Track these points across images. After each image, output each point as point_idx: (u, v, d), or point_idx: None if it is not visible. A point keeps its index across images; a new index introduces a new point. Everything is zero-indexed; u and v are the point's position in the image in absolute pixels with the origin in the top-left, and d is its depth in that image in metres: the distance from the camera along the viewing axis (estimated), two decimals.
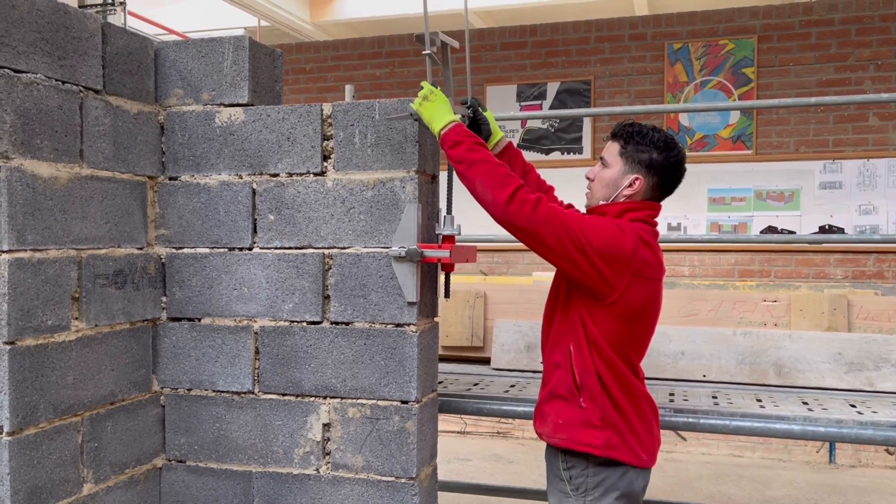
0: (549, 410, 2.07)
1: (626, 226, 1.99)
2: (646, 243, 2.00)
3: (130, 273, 2.12)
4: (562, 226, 1.90)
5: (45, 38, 1.82)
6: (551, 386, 2.07)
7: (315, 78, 6.84)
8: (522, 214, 1.90)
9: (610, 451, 1.97)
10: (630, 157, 2.05)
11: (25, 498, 1.77)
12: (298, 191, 2.14)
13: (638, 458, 2.00)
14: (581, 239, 1.90)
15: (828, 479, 5.25)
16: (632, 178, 2.04)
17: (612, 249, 1.92)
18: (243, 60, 2.18)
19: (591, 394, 1.98)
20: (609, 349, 1.98)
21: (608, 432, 1.97)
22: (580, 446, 1.99)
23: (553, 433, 2.05)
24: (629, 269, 1.95)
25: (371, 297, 2.09)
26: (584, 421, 1.99)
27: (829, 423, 2.31)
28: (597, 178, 2.11)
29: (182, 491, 2.24)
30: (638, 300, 1.99)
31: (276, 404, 2.16)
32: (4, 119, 1.71)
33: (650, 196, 2.07)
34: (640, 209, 2.05)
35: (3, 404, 1.73)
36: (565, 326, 2.04)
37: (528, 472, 5.30)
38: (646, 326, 2.07)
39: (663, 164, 2.04)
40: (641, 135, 2.04)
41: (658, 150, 2.03)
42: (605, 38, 6.10)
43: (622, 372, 1.99)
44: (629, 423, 2.00)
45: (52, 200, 1.84)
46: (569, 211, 1.99)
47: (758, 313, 3.09)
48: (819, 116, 5.65)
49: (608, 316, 1.97)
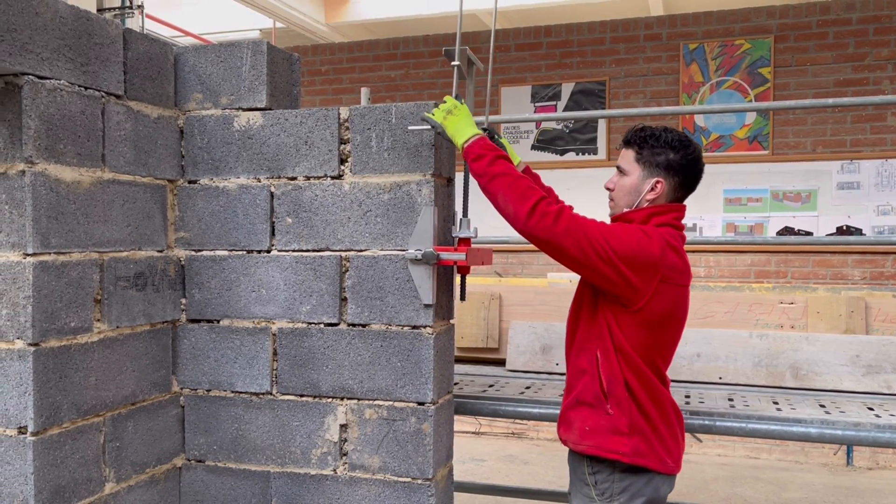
0: (574, 417, 2.07)
1: (653, 231, 1.98)
2: (673, 248, 1.99)
3: (151, 275, 2.15)
4: (585, 235, 1.90)
5: (68, 45, 1.85)
6: (577, 392, 2.06)
7: (330, 80, 6.87)
8: (544, 226, 1.89)
9: (638, 459, 1.97)
10: (647, 161, 2.05)
11: (49, 497, 1.80)
12: (316, 194, 2.16)
13: (664, 465, 2.00)
14: (605, 247, 1.89)
15: (845, 481, 5.21)
16: (653, 182, 2.04)
17: (639, 256, 1.91)
18: (261, 65, 2.21)
19: (619, 401, 1.98)
20: (636, 356, 1.97)
21: (636, 439, 1.97)
22: (608, 453, 1.99)
23: (580, 440, 2.04)
24: (657, 275, 1.94)
25: (387, 300, 2.10)
26: (611, 428, 1.99)
27: (846, 425, 2.30)
28: (617, 187, 2.11)
29: (201, 490, 2.27)
30: (665, 306, 1.98)
31: (293, 405, 2.18)
32: (29, 125, 1.74)
33: (673, 197, 2.07)
34: (665, 212, 2.05)
35: (27, 405, 1.76)
36: (591, 333, 2.03)
37: (543, 472, 5.30)
38: (672, 333, 2.06)
39: (681, 163, 2.04)
40: (655, 137, 2.04)
41: (674, 149, 2.03)
42: (620, 38, 6.09)
43: (649, 379, 1.99)
44: (656, 430, 1.99)
45: (74, 204, 1.87)
46: (592, 220, 1.99)
47: (774, 315, 3.07)
48: (836, 116, 5.61)
49: (634, 323, 1.96)
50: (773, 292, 3.16)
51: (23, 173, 1.74)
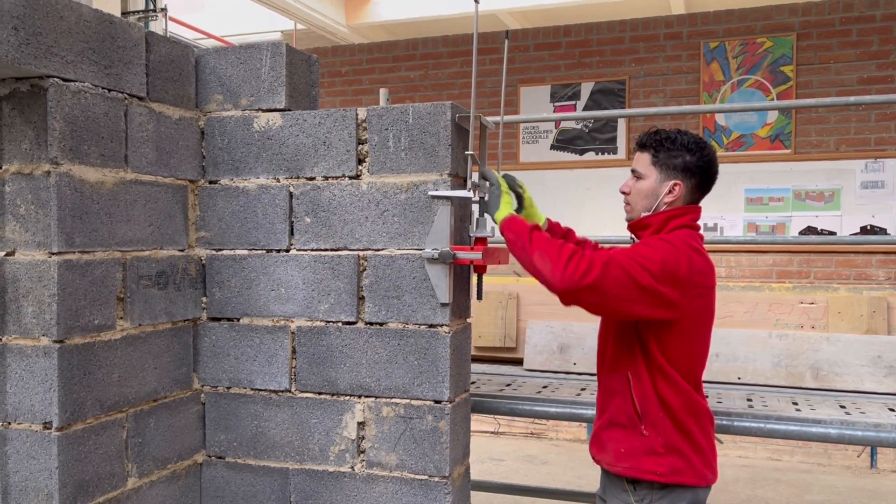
0: (608, 438, 2.07)
1: (676, 240, 1.97)
2: (696, 251, 1.99)
3: (172, 274, 2.18)
4: (619, 268, 1.87)
5: (92, 48, 1.89)
6: (610, 414, 2.07)
7: (350, 80, 6.91)
8: (578, 275, 1.85)
9: (675, 477, 1.96)
10: (664, 164, 2.05)
11: (73, 491, 1.84)
12: (334, 194, 2.19)
13: (704, 479, 2.00)
14: (641, 273, 1.87)
15: (868, 484, 5.15)
16: (671, 185, 2.04)
17: (672, 270, 1.90)
18: (280, 66, 2.23)
19: (653, 421, 1.97)
20: (673, 370, 1.96)
21: (672, 458, 1.96)
22: (645, 475, 1.98)
23: (615, 462, 2.04)
24: (690, 284, 1.94)
25: (404, 298, 2.12)
26: (647, 449, 1.98)
27: (866, 426, 2.28)
28: (633, 191, 2.11)
29: (221, 486, 2.30)
30: (700, 310, 1.99)
31: (312, 403, 2.21)
32: (54, 126, 1.78)
33: (690, 199, 2.08)
34: (682, 214, 2.05)
35: (52, 401, 1.80)
36: (622, 354, 2.03)
37: (562, 473, 5.29)
38: (706, 334, 2.06)
39: (698, 165, 2.04)
40: (671, 140, 2.05)
41: (690, 151, 2.04)
42: (640, 37, 6.06)
43: (686, 392, 1.98)
44: (694, 444, 1.98)
45: (98, 204, 1.91)
46: (614, 250, 1.98)
47: (794, 315, 3.05)
48: (860, 114, 5.54)
49: (672, 334, 1.96)
50: (794, 292, 3.14)
51: (48, 174, 1.78)
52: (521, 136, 6.31)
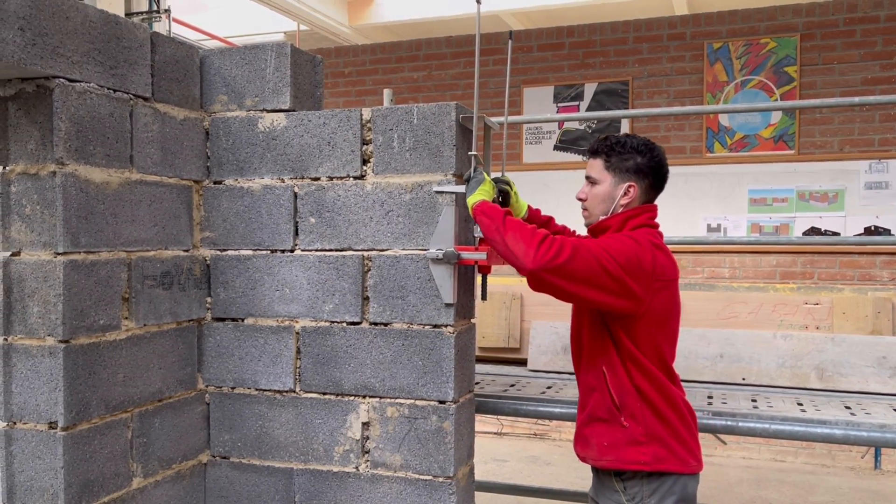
0: (590, 433, 2.11)
1: (639, 236, 2.04)
2: (658, 247, 2.06)
3: (177, 274, 2.18)
4: (589, 253, 1.92)
5: (98, 49, 1.89)
6: (590, 409, 2.11)
7: (354, 81, 6.91)
8: (550, 256, 1.89)
9: (659, 465, 2.00)
10: (616, 167, 2.12)
11: (78, 491, 1.84)
12: (338, 194, 2.19)
13: (687, 466, 2.03)
14: (610, 260, 1.93)
15: (873, 485, 5.14)
16: (626, 187, 2.11)
17: (636, 263, 1.96)
18: (285, 67, 2.24)
19: (632, 412, 2.02)
20: (646, 360, 2.01)
21: (654, 446, 2.00)
22: (629, 465, 2.02)
23: (599, 456, 2.08)
24: (653, 278, 2.00)
25: (409, 299, 2.12)
26: (628, 440, 2.02)
27: (871, 427, 2.28)
28: (589, 197, 2.17)
29: (226, 486, 2.30)
30: (663, 304, 2.04)
31: (316, 403, 2.21)
32: (60, 126, 1.78)
33: (645, 199, 2.14)
34: (639, 214, 2.11)
35: (57, 400, 1.80)
36: (595, 350, 2.08)
37: (566, 473, 5.29)
38: (673, 327, 2.12)
39: (650, 165, 2.11)
40: (621, 144, 2.12)
41: (640, 153, 2.11)
42: (644, 38, 6.06)
43: (660, 381, 2.03)
44: (674, 432, 2.02)
45: (103, 204, 1.91)
46: (586, 238, 2.05)
47: (799, 316, 3.04)
48: (864, 115, 5.53)
49: (642, 326, 2.01)
50: (798, 293, 3.13)
51: (53, 174, 1.79)
52: (524, 137, 6.30)
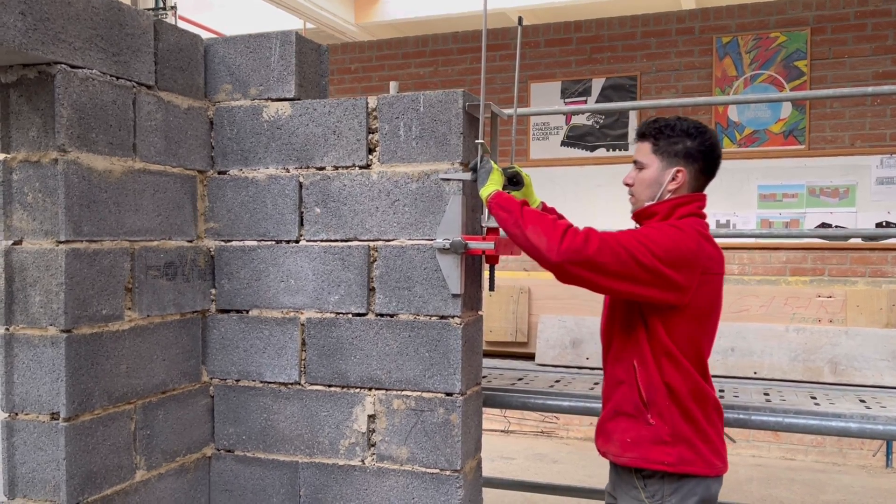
0: (613, 428, 2.03)
1: (684, 224, 1.95)
2: (706, 238, 1.97)
3: (181, 265, 2.16)
4: (619, 245, 1.85)
5: (100, 35, 1.87)
6: (615, 403, 2.03)
7: (360, 78, 6.89)
8: (576, 248, 1.83)
9: (684, 467, 1.93)
10: (665, 151, 2.02)
11: (81, 482, 1.82)
12: (344, 184, 2.16)
13: (713, 468, 1.96)
14: (644, 252, 1.84)
15: (884, 483, 5.08)
16: (674, 172, 2.01)
17: (679, 253, 1.88)
18: (290, 55, 2.21)
19: (660, 409, 1.94)
20: (682, 356, 1.93)
21: (680, 447, 1.93)
22: (652, 464, 1.95)
23: (621, 452, 2.01)
24: (698, 267, 1.91)
25: (415, 290, 2.09)
26: (653, 438, 1.95)
27: (888, 420, 2.23)
28: (636, 182, 2.08)
29: (230, 480, 2.27)
30: (708, 297, 1.96)
31: (322, 395, 2.18)
32: (61, 113, 1.76)
33: (695, 186, 2.04)
34: (688, 202, 2.02)
35: (59, 391, 1.78)
36: (627, 342, 2.00)
37: (573, 471, 5.25)
38: (714, 322, 2.03)
39: (700, 150, 2.01)
40: (670, 127, 2.02)
41: (691, 137, 2.01)
42: (652, 32, 6.01)
43: (694, 378, 1.95)
44: (702, 433, 1.95)
45: (106, 193, 1.89)
46: (620, 231, 1.95)
47: (811, 309, 3.00)
48: (875, 110, 5.47)
49: (682, 320, 1.93)
50: (811, 286, 3.09)
51: (55, 161, 1.76)
52: (531, 133, 6.27)
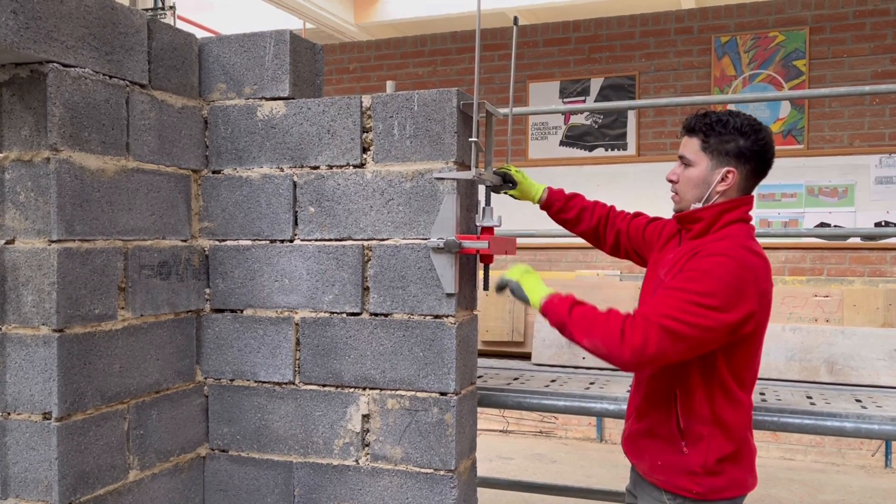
0: (646, 447, 1.97)
1: (732, 249, 1.80)
2: (753, 252, 1.83)
3: (175, 264, 2.15)
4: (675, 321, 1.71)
5: (93, 34, 1.86)
6: (650, 422, 1.95)
7: (358, 77, 6.89)
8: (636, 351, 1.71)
9: (713, 495, 1.87)
10: (715, 150, 1.88)
11: (73, 482, 1.82)
12: (338, 183, 2.16)
13: (743, 488, 1.90)
14: (702, 313, 1.71)
15: (883, 483, 5.07)
16: (724, 172, 1.87)
17: (734, 288, 1.75)
18: (284, 54, 2.20)
19: (697, 439, 1.86)
20: (736, 387, 1.85)
21: (711, 479, 1.86)
22: (680, 491, 1.89)
23: (650, 472, 1.96)
24: (757, 292, 1.79)
25: (410, 289, 2.08)
26: (684, 468, 1.87)
27: (883, 420, 2.23)
28: (681, 180, 1.94)
29: (225, 480, 2.27)
30: (766, 312, 1.86)
31: (316, 395, 2.17)
32: (54, 112, 1.75)
33: (744, 187, 1.91)
34: (736, 207, 1.89)
35: (51, 390, 1.78)
36: (668, 368, 1.88)
37: (571, 471, 5.24)
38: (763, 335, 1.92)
39: (753, 150, 1.86)
40: (722, 123, 1.87)
41: (744, 135, 1.86)
42: (650, 32, 6.01)
43: (746, 407, 1.89)
44: (738, 459, 1.88)
45: (99, 192, 1.88)
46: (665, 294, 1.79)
47: (808, 308, 2.99)
48: (874, 109, 5.47)
49: (745, 345, 1.83)
50: (808, 285, 3.08)
51: (47, 160, 1.76)
52: (529, 133, 6.26)
